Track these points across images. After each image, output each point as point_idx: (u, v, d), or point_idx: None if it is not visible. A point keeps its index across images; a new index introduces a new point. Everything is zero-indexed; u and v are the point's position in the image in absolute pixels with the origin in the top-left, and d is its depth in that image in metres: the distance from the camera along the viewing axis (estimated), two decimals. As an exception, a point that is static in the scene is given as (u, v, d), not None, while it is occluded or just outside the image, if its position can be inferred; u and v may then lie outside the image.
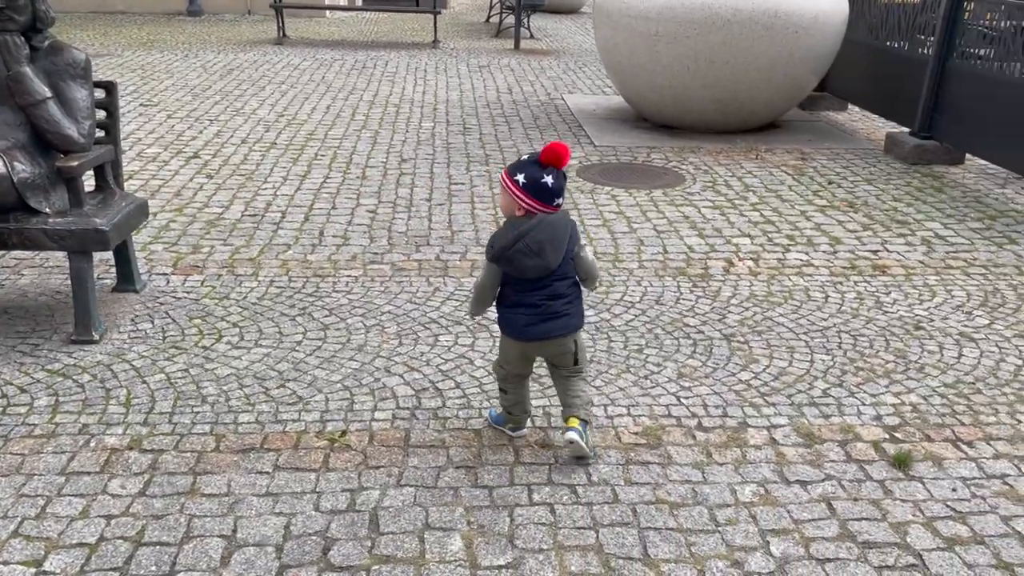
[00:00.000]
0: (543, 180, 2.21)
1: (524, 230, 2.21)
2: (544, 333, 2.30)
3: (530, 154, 2.28)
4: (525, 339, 2.32)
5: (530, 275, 2.25)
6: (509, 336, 2.36)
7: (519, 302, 2.30)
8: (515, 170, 2.25)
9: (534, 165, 2.23)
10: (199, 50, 9.51)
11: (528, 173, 2.22)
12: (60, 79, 2.92)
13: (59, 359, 2.84)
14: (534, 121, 6.61)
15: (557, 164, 2.22)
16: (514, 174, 2.24)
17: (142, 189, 4.65)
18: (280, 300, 3.38)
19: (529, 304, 2.28)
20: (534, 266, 2.23)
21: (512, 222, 2.26)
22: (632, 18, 5.90)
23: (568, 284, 2.32)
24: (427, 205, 4.58)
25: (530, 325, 2.29)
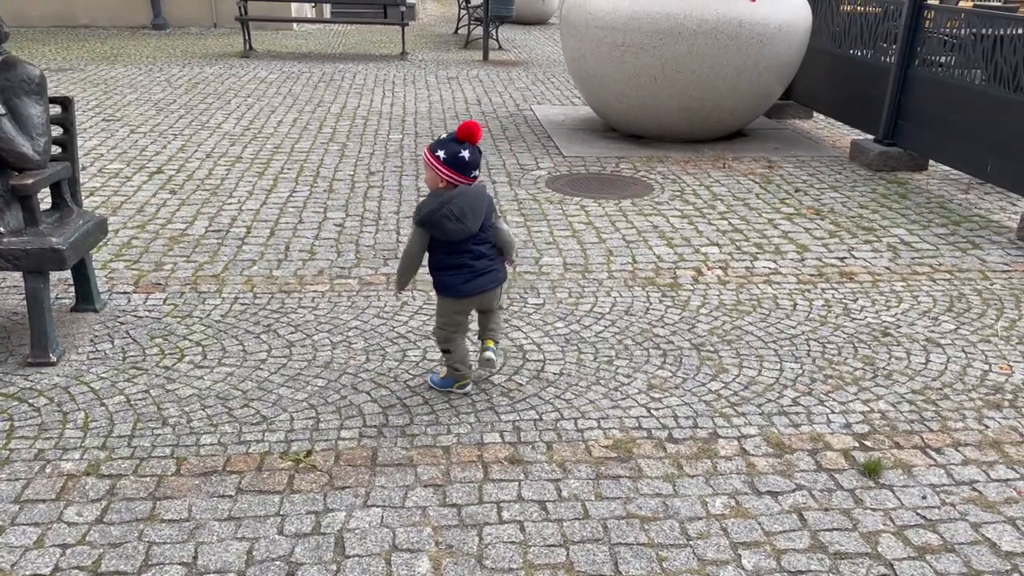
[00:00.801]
0: (461, 154, 2.53)
1: (447, 198, 2.52)
2: (479, 287, 2.64)
3: (448, 133, 2.60)
4: (464, 295, 2.64)
5: (454, 238, 2.55)
6: (449, 296, 2.65)
7: (450, 264, 2.61)
8: (436, 147, 2.56)
9: (453, 142, 2.55)
10: (164, 64, 9.40)
11: (448, 149, 2.54)
12: (14, 95, 2.84)
13: (14, 382, 2.76)
14: (503, 132, 6.59)
15: (471, 140, 2.54)
16: (435, 150, 2.55)
17: (104, 206, 4.56)
18: (244, 317, 3.32)
19: (460, 265, 2.61)
20: (456, 230, 2.53)
21: (435, 193, 2.55)
22: (599, 29, 5.91)
23: (488, 247, 2.66)
24: (395, 218, 4.54)
25: (466, 283, 2.62)
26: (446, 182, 2.55)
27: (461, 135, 2.54)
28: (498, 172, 5.46)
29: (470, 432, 2.57)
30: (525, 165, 5.65)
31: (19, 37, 6.87)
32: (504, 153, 5.95)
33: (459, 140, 2.55)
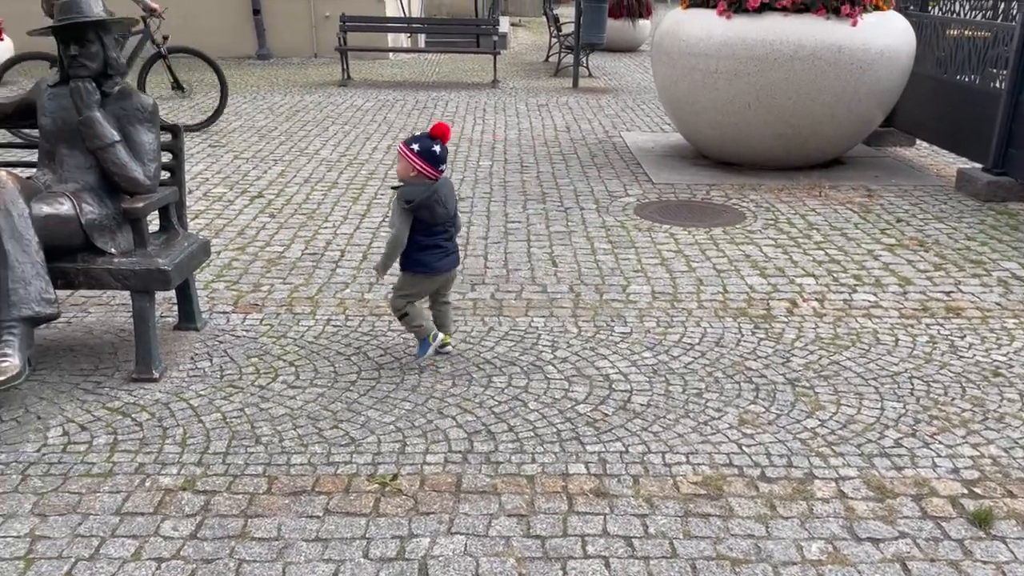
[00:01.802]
0: (433, 148, 2.95)
1: (434, 187, 2.95)
2: (448, 266, 3.09)
3: (422, 131, 3.02)
4: (437, 272, 3.06)
5: (439, 221, 2.99)
6: (423, 274, 3.05)
7: (427, 245, 3.01)
8: (411, 142, 2.98)
9: (426, 138, 2.96)
10: (267, 92, 9.80)
11: (421, 144, 2.96)
12: (128, 123, 3.00)
13: (119, 397, 2.89)
14: (591, 159, 6.59)
15: (443, 138, 2.95)
16: (410, 144, 2.97)
17: (207, 228, 4.76)
18: (336, 339, 3.39)
19: (434, 246, 3.02)
20: (442, 213, 2.99)
21: (415, 185, 2.95)
22: (691, 56, 5.85)
23: (454, 232, 3.12)
24: (483, 243, 4.58)
25: (438, 261, 3.04)
26: (417, 172, 2.95)
27: (434, 133, 2.95)
28: (586, 198, 5.45)
29: (555, 462, 2.54)
30: (614, 192, 5.62)
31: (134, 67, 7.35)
32: (592, 180, 5.94)
33: (432, 137, 2.96)
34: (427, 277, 3.05)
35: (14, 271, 2.59)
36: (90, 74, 2.93)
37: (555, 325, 3.54)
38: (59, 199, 2.83)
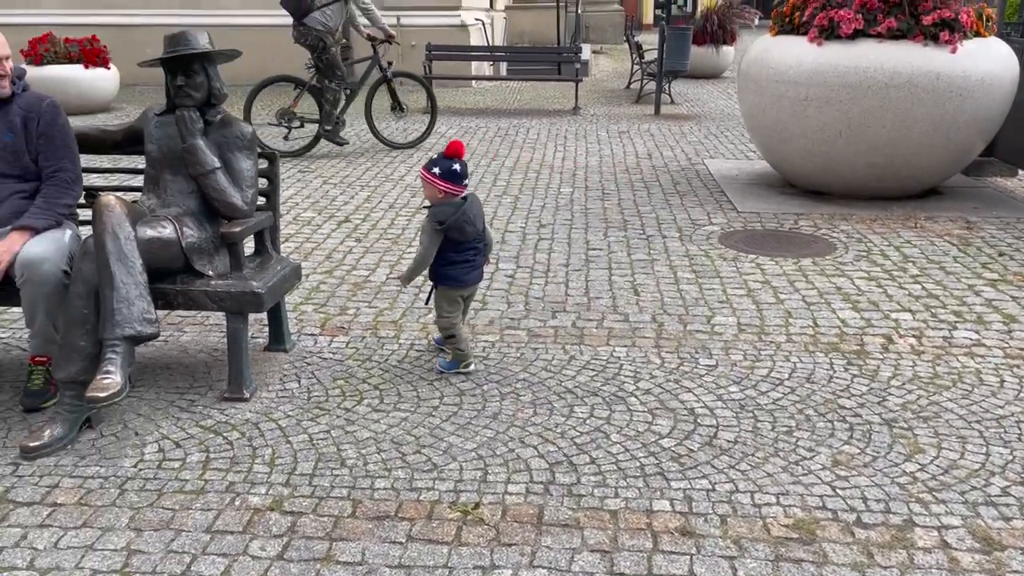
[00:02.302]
0: (453, 167, 3.09)
1: (463, 208, 3.08)
2: (475, 279, 3.27)
3: (438, 154, 3.14)
4: (466, 285, 3.24)
5: (468, 237, 3.13)
6: (452, 287, 3.20)
7: (455, 260, 3.16)
8: (431, 166, 3.11)
9: (444, 159, 3.09)
10: (353, 119, 10.05)
11: (441, 165, 3.09)
12: (228, 150, 3.12)
13: (212, 415, 2.97)
14: (674, 186, 6.52)
15: (458, 155, 3.09)
16: (431, 168, 3.10)
17: (297, 251, 4.89)
18: (419, 364, 3.41)
19: (463, 260, 3.17)
20: (472, 231, 3.13)
21: (444, 204, 3.09)
22: (780, 83, 5.75)
23: (483, 247, 3.27)
24: (564, 271, 4.57)
25: (466, 275, 3.21)
26: (444, 193, 3.10)
27: (449, 153, 3.09)
28: (669, 226, 5.38)
29: (638, 497, 2.49)
30: (697, 220, 5.54)
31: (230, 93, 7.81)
32: (675, 207, 5.87)
33: (448, 157, 3.09)
34: (455, 290, 3.24)
35: (119, 292, 2.70)
36: (195, 103, 3.06)
37: (637, 355, 3.49)
38: (162, 223, 2.96)
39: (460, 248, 3.15)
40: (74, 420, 2.76)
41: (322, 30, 7.30)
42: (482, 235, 3.22)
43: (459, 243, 3.13)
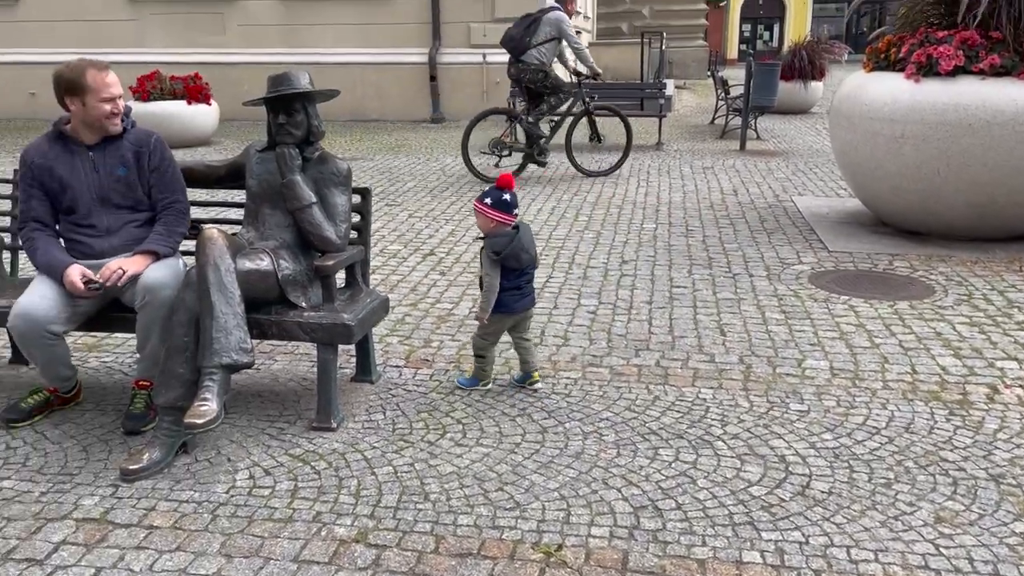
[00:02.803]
0: (504, 198, 3.27)
1: (518, 237, 3.26)
2: (526, 306, 3.39)
3: (489, 186, 3.33)
4: (516, 312, 3.36)
5: (524, 264, 3.29)
6: (502, 313, 3.31)
7: (509, 287, 3.29)
8: (483, 197, 3.30)
9: (494, 190, 3.29)
10: (440, 154, 10.27)
11: (492, 196, 3.28)
12: (324, 186, 3.22)
13: (300, 444, 3.03)
14: (761, 224, 6.39)
15: (508, 187, 3.27)
16: (483, 199, 3.29)
17: (383, 283, 4.98)
18: (502, 399, 3.42)
19: (515, 288, 3.31)
20: (527, 258, 3.30)
21: (498, 235, 3.26)
22: (874, 120, 5.60)
23: (532, 272, 3.41)
24: (647, 308, 4.51)
25: (517, 302, 3.33)
26: (496, 222, 3.27)
27: (500, 184, 3.28)
28: (756, 265, 5.27)
29: (727, 547, 2.41)
30: (786, 259, 5.41)
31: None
32: (762, 245, 5.75)
33: (499, 188, 3.28)
34: (505, 317, 3.35)
35: (218, 321, 2.80)
36: (294, 141, 3.17)
37: (724, 398, 3.41)
38: (260, 255, 3.06)
39: (512, 276, 3.29)
40: (171, 444, 2.86)
41: (537, 65, 8.02)
42: (534, 262, 3.36)
43: (513, 270, 3.27)
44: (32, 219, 3.09)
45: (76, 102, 3.01)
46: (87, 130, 3.08)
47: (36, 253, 3.05)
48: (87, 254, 3.08)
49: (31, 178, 3.08)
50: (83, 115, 3.04)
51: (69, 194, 3.07)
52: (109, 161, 3.11)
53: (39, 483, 2.76)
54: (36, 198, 3.08)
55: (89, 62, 3.04)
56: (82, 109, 3.02)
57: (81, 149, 3.09)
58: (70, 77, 2.99)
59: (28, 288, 3.02)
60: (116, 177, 3.11)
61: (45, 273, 3.03)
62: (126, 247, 3.10)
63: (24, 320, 2.89)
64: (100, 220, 3.10)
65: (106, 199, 3.10)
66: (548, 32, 7.95)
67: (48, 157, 3.07)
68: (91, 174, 3.09)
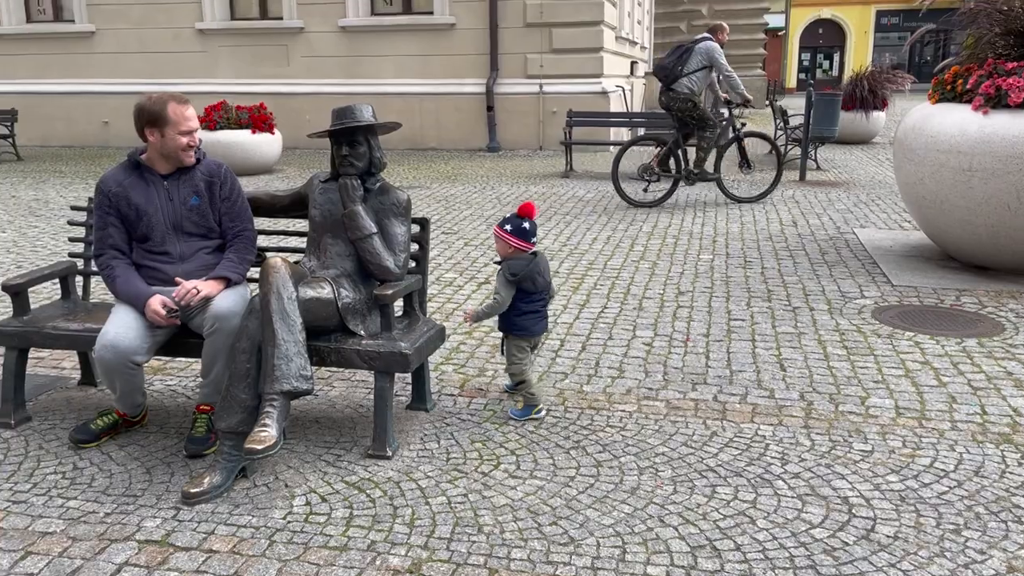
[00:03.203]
0: (523, 226, 3.40)
1: (536, 262, 3.42)
2: (543, 328, 3.56)
3: (511, 213, 3.46)
4: (536, 334, 3.52)
5: (539, 288, 3.44)
6: (523, 335, 3.49)
7: (525, 311, 3.45)
8: (504, 223, 3.43)
9: (515, 218, 3.42)
10: (495, 183, 10.36)
11: (513, 224, 3.41)
12: (385, 216, 3.27)
13: (356, 472, 3.06)
14: (822, 256, 6.27)
15: (529, 216, 3.41)
16: (504, 226, 3.42)
17: (439, 311, 5.02)
18: (556, 431, 3.40)
19: (532, 311, 3.47)
20: (542, 282, 3.45)
21: (518, 259, 3.40)
22: (941, 152, 5.47)
23: (548, 298, 3.57)
24: (704, 340, 4.45)
25: (536, 324, 3.49)
26: (513, 248, 3.40)
27: (521, 212, 3.40)
28: (817, 298, 5.17)
29: (788, 590, 2.35)
30: (847, 293, 5.29)
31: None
32: (823, 278, 5.63)
33: (520, 216, 3.40)
34: (526, 339, 3.51)
35: (279, 348, 2.85)
36: (357, 172, 3.24)
37: (785, 435, 3.34)
38: (321, 284, 3.12)
39: (530, 299, 3.44)
40: (231, 469, 2.91)
41: (688, 94, 8.36)
42: (548, 287, 3.53)
43: (530, 294, 3.43)
44: (109, 247, 3.20)
45: (156, 133, 3.12)
46: (163, 160, 3.20)
47: (116, 282, 3.14)
48: (162, 280, 3.17)
49: (108, 206, 3.18)
50: (161, 146, 3.15)
51: (145, 222, 3.17)
52: (183, 190, 3.21)
53: (104, 504, 2.83)
54: (113, 226, 3.19)
55: (171, 95, 3.16)
56: (161, 140, 3.13)
57: (156, 179, 3.21)
58: (152, 109, 3.10)
59: (111, 318, 3.10)
60: (190, 206, 3.21)
61: (126, 302, 3.12)
62: (199, 273, 3.20)
63: (111, 351, 2.98)
64: (174, 247, 3.21)
65: (179, 227, 3.21)
66: (700, 61, 8.29)
67: (125, 186, 3.18)
68: (166, 203, 3.19)
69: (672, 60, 8.37)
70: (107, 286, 3.20)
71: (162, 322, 3.04)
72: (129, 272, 3.15)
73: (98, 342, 3.01)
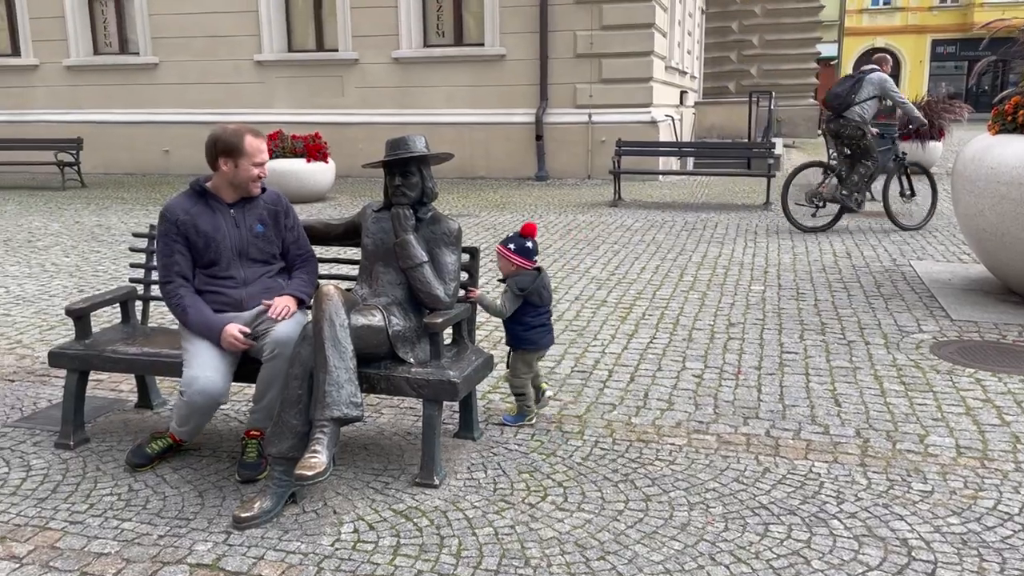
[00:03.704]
0: (526, 245, 3.56)
1: (540, 277, 3.60)
2: (549, 342, 3.72)
3: (514, 233, 3.59)
4: (543, 347, 3.70)
5: (545, 301, 3.63)
6: (530, 350, 3.65)
7: (535, 324, 3.62)
8: (507, 242, 3.58)
9: (518, 237, 3.57)
10: (543, 211, 10.39)
11: (516, 243, 3.56)
12: (435, 245, 3.30)
13: (403, 499, 3.06)
14: (877, 289, 6.14)
15: (531, 235, 3.56)
16: (507, 244, 3.57)
17: (486, 339, 5.03)
18: (604, 463, 3.36)
19: (539, 325, 3.64)
20: (547, 296, 3.65)
21: (522, 276, 3.57)
22: (1001, 184, 5.33)
23: (551, 310, 3.75)
24: (756, 374, 4.38)
25: (543, 337, 3.66)
26: (516, 266, 3.55)
27: (524, 232, 3.55)
28: (872, 332, 5.05)
29: (845, 635, 2.27)
30: (904, 327, 5.16)
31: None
32: (879, 311, 5.51)
33: (522, 235, 3.55)
34: (532, 352, 3.67)
35: (331, 375, 2.89)
36: (409, 202, 3.28)
37: (840, 473, 3.25)
38: (372, 311, 3.15)
39: (537, 313, 3.61)
40: (281, 494, 2.93)
41: (859, 121, 8.57)
42: (550, 301, 3.71)
43: (537, 307, 3.60)
44: (176, 274, 3.25)
45: (229, 163, 3.21)
46: (230, 189, 3.30)
47: (187, 312, 3.18)
48: (226, 304, 3.25)
49: (176, 233, 3.24)
50: (233, 176, 3.24)
51: (212, 248, 3.25)
52: (248, 219, 3.31)
53: (157, 526, 2.88)
54: (180, 253, 3.25)
55: (248, 128, 3.28)
56: (234, 170, 3.22)
57: (223, 207, 3.30)
58: (229, 140, 3.19)
59: (193, 359, 3.10)
60: (255, 233, 3.32)
61: (199, 332, 3.16)
62: (261, 295, 3.29)
63: (202, 397, 3.04)
64: (238, 272, 3.29)
65: (244, 253, 3.30)
66: (871, 90, 8.56)
67: (192, 213, 3.26)
68: (233, 230, 3.28)
69: (845, 89, 8.60)
70: (176, 316, 3.25)
71: (240, 348, 3.10)
72: (198, 302, 3.21)
73: (188, 386, 3.04)
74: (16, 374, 4.47)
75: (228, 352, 3.13)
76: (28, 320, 5.57)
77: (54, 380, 4.33)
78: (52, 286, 6.55)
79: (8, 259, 7.64)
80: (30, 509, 3.00)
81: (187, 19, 14.85)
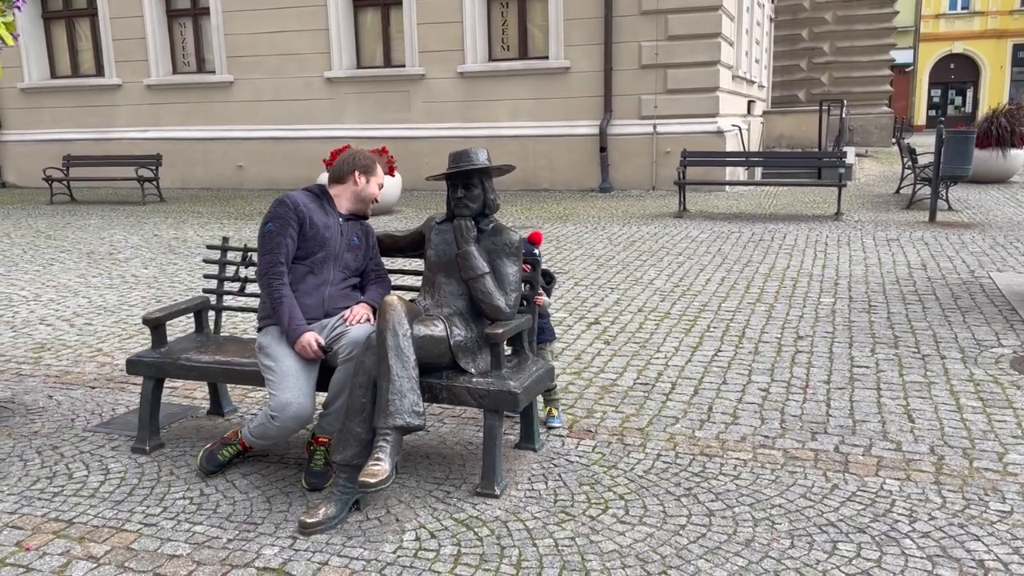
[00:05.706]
0: (534, 252, 3.64)
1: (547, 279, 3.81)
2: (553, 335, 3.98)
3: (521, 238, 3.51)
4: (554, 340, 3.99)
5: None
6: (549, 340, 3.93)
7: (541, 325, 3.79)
8: None
9: (526, 243, 3.61)
10: (607, 223, 10.35)
11: (525, 249, 3.56)
12: (497, 256, 3.33)
13: (464, 509, 3.08)
14: (954, 301, 5.92)
15: (537, 243, 3.70)
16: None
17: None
18: (666, 476, 3.32)
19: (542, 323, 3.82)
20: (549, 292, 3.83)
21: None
22: (1088, 191, 5.09)
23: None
24: (825, 388, 4.27)
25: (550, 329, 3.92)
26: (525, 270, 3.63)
27: (530, 239, 3.68)
28: (948, 346, 4.87)
29: (917, 660, 2.19)
30: (983, 340, 4.97)
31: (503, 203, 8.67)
32: (956, 325, 5.31)
33: (529, 243, 3.65)
34: (549, 344, 3.90)
35: (394, 384, 2.93)
36: (471, 213, 3.33)
37: (913, 491, 3.14)
38: (435, 322, 3.20)
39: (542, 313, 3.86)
40: (345, 501, 2.99)
41: None
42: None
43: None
44: (283, 258, 3.30)
45: (363, 178, 3.50)
46: (349, 202, 3.51)
47: (282, 305, 3.24)
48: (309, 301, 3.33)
49: (294, 219, 3.32)
50: (361, 189, 3.50)
51: (318, 242, 3.37)
52: (349, 231, 3.49)
53: (227, 530, 2.97)
54: (291, 238, 3.33)
55: (378, 155, 3.51)
56: (364, 186, 3.50)
57: (335, 212, 3.49)
58: (367, 158, 3.54)
59: (281, 382, 3.13)
60: (352, 245, 3.49)
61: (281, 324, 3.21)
62: (340, 298, 3.42)
63: (298, 422, 3.13)
64: (329, 273, 3.42)
65: (339, 259, 3.44)
66: None
67: (310, 208, 3.41)
68: (338, 235, 3.44)
69: None
70: (268, 300, 3.29)
71: (312, 356, 3.19)
72: (293, 298, 3.29)
73: (281, 411, 3.09)
74: (97, 381, 4.67)
75: (310, 370, 3.21)
76: (109, 329, 5.81)
77: (132, 387, 4.50)
78: (131, 296, 6.82)
79: (91, 271, 7.99)
80: (107, 511, 3.12)
81: (260, 38, 15.33)
